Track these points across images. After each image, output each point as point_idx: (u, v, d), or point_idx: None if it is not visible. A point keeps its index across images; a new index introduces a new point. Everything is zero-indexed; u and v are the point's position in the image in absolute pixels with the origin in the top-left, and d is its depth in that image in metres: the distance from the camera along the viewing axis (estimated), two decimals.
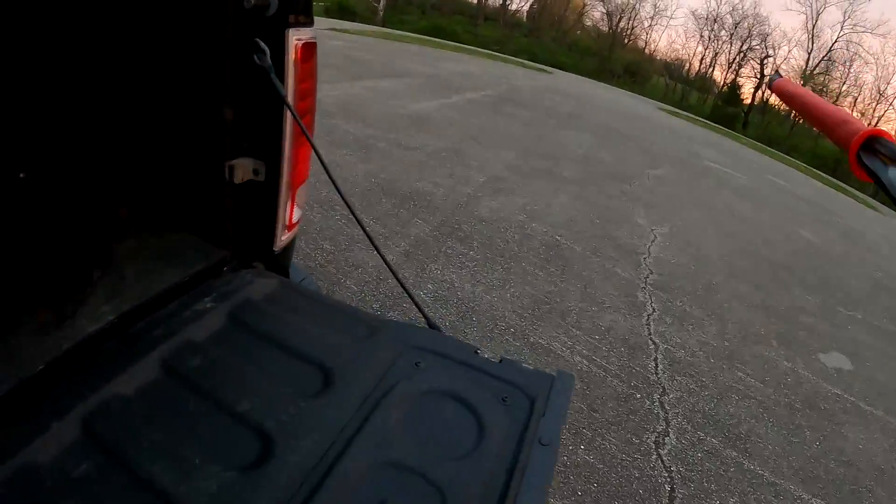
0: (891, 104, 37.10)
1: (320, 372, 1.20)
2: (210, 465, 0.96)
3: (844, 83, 38.85)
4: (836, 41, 38.33)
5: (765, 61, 42.60)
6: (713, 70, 47.16)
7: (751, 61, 44.02)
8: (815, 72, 39.34)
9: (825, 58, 39.22)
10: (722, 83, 46.19)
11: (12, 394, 1.02)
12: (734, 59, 44.77)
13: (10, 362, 1.07)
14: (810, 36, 39.64)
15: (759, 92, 41.85)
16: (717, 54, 46.11)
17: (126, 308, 1.26)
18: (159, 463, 0.94)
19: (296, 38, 1.35)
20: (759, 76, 42.85)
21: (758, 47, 43.33)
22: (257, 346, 1.27)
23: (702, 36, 47.38)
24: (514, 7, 53.80)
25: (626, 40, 50.14)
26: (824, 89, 37.27)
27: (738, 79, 45.35)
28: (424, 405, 1.11)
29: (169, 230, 1.60)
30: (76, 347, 1.14)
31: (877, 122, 34.36)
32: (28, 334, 1.15)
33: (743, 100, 44.26)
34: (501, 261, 3.86)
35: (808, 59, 40.03)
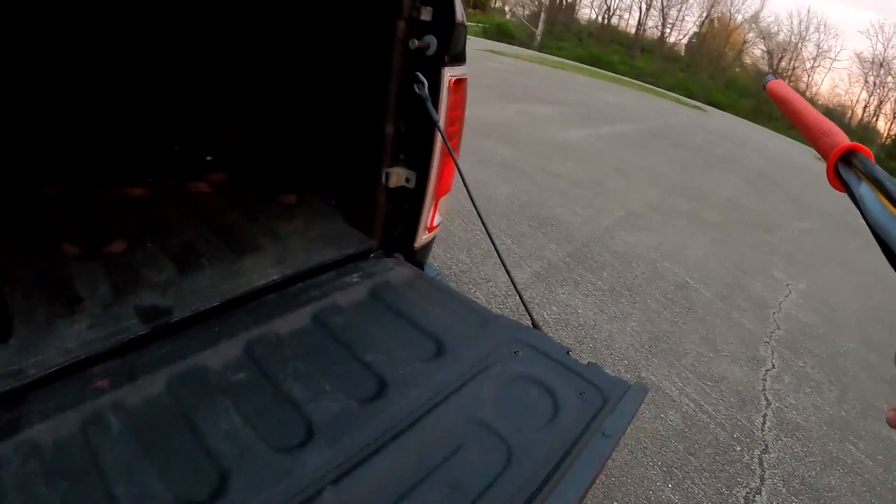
0: None
1: (435, 344, 1.48)
2: (337, 393, 1.27)
3: None
4: None
5: None
6: (877, 119, 43.66)
7: None
8: None
9: None
10: (885, 135, 42.63)
11: (190, 319, 1.43)
12: None
13: (194, 296, 1.50)
14: None
15: None
16: (881, 102, 42.68)
17: (288, 273, 1.67)
18: (298, 384, 1.27)
19: (450, 74, 1.68)
20: None
21: None
22: (388, 317, 1.58)
23: (866, 81, 44.10)
24: (671, 40, 52.50)
25: (787, 82, 47.63)
26: None
27: None
28: (514, 385, 1.36)
29: (331, 218, 2.04)
30: (245, 295, 1.55)
31: None
32: (208, 278, 1.59)
33: None
34: (628, 294, 4.03)
35: None
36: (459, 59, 1.73)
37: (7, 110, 2.17)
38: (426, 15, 1.65)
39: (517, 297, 3.31)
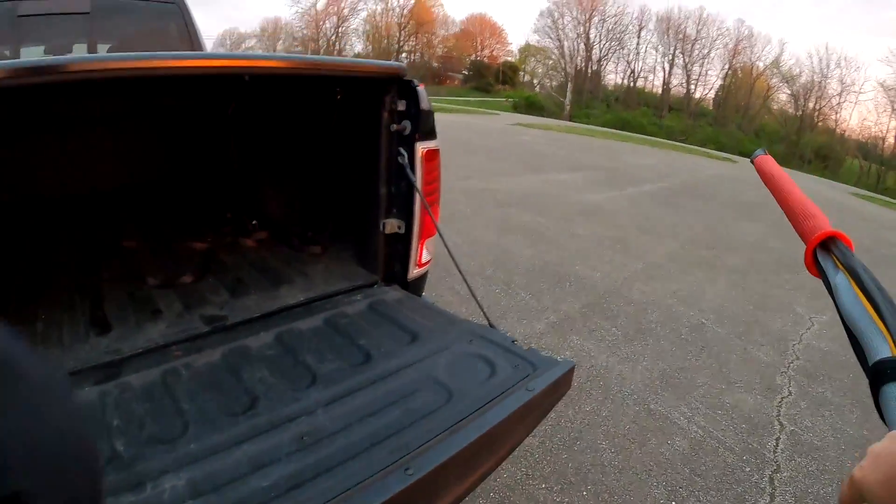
0: None
1: (411, 336, 2.00)
2: (335, 360, 1.81)
3: None
4: None
5: None
6: None
7: None
8: None
9: None
10: None
11: (239, 324, 2.05)
12: None
13: (243, 310, 2.13)
14: None
15: None
16: None
17: (311, 296, 2.29)
18: (310, 355, 1.83)
19: (421, 147, 2.27)
20: None
21: None
22: (380, 320, 2.14)
23: (893, 109, 43.50)
24: (698, 95, 53.03)
25: (815, 122, 47.25)
26: None
27: None
28: (464, 359, 1.83)
29: (346, 261, 2.69)
30: (280, 310, 2.17)
31: None
32: (253, 300, 2.23)
33: None
34: (640, 338, 4.32)
35: None
36: (430, 135, 2.33)
37: (105, 186, 3.17)
38: (402, 106, 2.30)
39: (535, 341, 3.66)
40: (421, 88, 2.26)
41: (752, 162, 0.91)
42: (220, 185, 3.55)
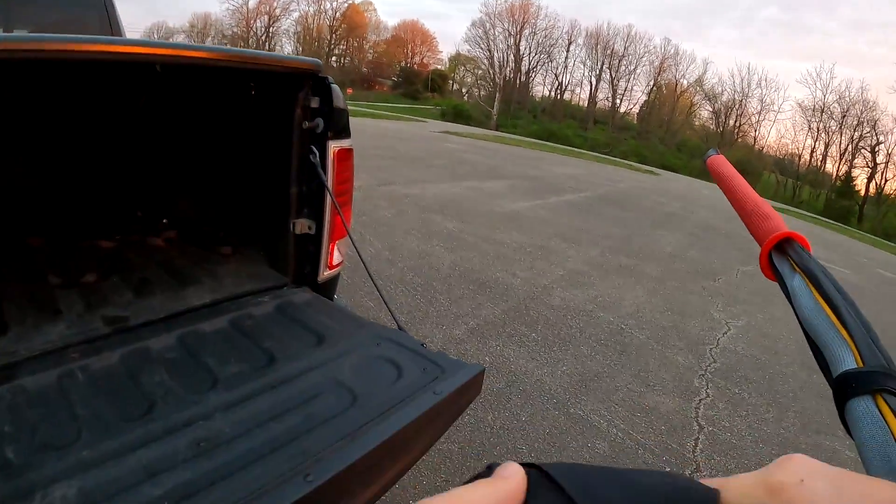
0: None
1: (317, 337, 1.92)
2: (238, 363, 1.72)
3: None
4: None
5: (876, 149, 40.91)
6: (825, 163, 45.70)
7: (862, 150, 42.48)
8: None
9: None
10: (835, 176, 44.52)
11: (142, 325, 1.92)
12: (845, 149, 43.48)
13: (146, 311, 2.00)
14: None
15: (873, 182, 40.03)
16: (827, 146, 44.94)
17: (218, 297, 2.18)
18: (212, 358, 1.74)
19: (333, 146, 2.19)
20: (871, 166, 41.05)
21: (868, 135, 41.89)
22: (287, 322, 2.05)
23: (810, 128, 46.40)
24: (623, 109, 54.88)
25: (735, 138, 49.76)
26: None
27: (853, 170, 43.67)
28: (371, 362, 1.76)
29: (257, 262, 2.58)
30: (184, 311, 2.04)
31: None
32: (158, 300, 2.10)
33: (857, 191, 42.32)
34: (560, 343, 4.27)
35: None
36: (343, 134, 2.21)
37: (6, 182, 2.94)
38: (315, 103, 2.17)
39: (453, 350, 3.54)
40: (335, 86, 2.16)
41: (704, 162, 0.86)
42: (130, 182, 3.34)
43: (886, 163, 42.29)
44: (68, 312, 1.95)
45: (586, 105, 57.19)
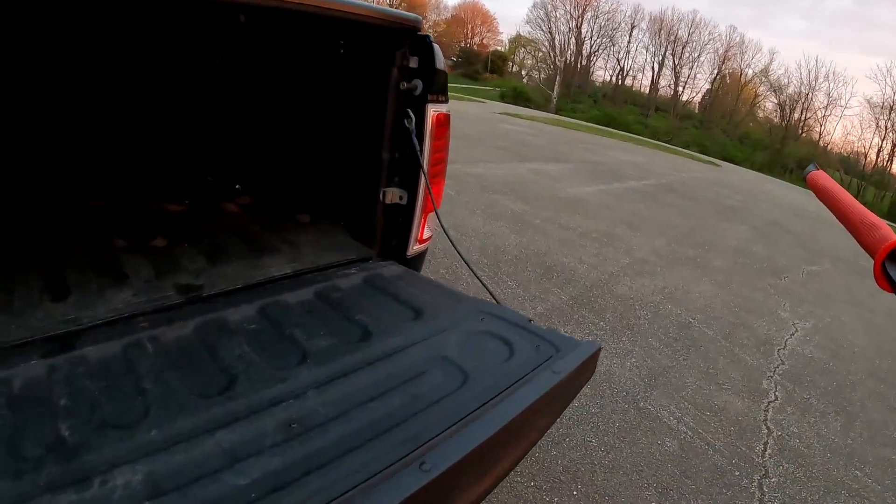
0: None
1: (414, 312, 1.81)
2: (328, 336, 1.60)
3: None
4: None
5: None
6: (891, 163, 43.59)
7: None
8: None
9: None
10: None
11: (217, 295, 1.80)
12: None
13: (221, 279, 1.88)
14: None
15: None
16: (894, 146, 42.79)
17: (299, 269, 2.05)
18: (298, 330, 1.62)
19: (433, 110, 2.07)
20: None
21: None
22: (378, 295, 1.94)
23: (878, 126, 44.28)
24: (685, 97, 53.38)
25: (799, 132, 47.87)
26: None
27: None
28: (478, 337, 1.66)
29: (338, 233, 2.44)
30: (264, 282, 1.92)
31: None
32: (233, 268, 1.98)
33: None
34: (629, 334, 4.21)
35: None
36: (442, 98, 2.11)
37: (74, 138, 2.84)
38: (413, 63, 2.07)
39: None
40: (436, 45, 2.04)
41: (804, 178, 0.84)
42: (202, 145, 3.19)
43: None
44: (135, 278, 1.81)
45: (648, 91, 55.86)
